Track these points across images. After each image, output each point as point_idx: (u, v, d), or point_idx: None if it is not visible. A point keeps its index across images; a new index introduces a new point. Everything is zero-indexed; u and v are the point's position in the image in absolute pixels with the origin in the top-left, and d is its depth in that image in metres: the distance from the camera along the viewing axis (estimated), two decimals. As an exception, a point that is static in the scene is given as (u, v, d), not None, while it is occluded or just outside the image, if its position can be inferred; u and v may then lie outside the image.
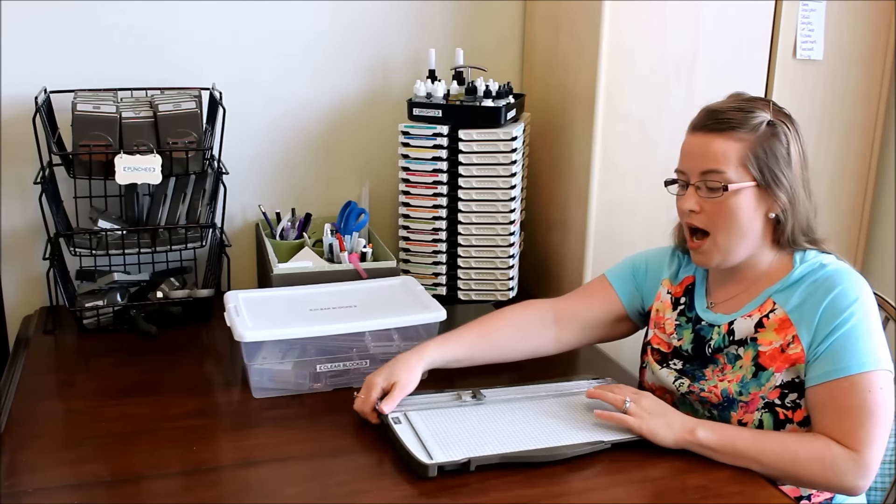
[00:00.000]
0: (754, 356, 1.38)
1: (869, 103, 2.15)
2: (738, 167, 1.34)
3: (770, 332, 1.37)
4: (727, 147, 1.34)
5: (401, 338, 1.61)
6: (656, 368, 1.51)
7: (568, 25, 1.99)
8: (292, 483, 1.28)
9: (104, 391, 1.56)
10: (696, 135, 1.39)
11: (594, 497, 1.25)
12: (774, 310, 1.38)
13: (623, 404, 1.36)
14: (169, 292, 1.85)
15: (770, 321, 1.37)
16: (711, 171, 1.35)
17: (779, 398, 1.36)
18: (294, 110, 2.08)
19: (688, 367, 1.47)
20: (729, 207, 1.35)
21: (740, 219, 1.36)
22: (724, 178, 1.34)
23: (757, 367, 1.37)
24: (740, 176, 1.34)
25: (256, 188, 2.09)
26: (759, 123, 1.34)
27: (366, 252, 1.89)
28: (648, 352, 1.55)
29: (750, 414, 1.38)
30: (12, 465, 1.31)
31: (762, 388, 1.36)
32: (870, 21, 2.09)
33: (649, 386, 1.54)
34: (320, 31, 2.06)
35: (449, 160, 1.88)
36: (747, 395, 1.38)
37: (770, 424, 1.37)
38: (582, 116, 1.94)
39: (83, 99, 1.78)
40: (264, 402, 1.53)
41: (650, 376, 1.54)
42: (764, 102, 1.39)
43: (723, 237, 1.38)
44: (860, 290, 1.34)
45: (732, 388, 1.39)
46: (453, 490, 1.26)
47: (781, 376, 1.35)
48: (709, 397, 1.42)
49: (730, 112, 1.36)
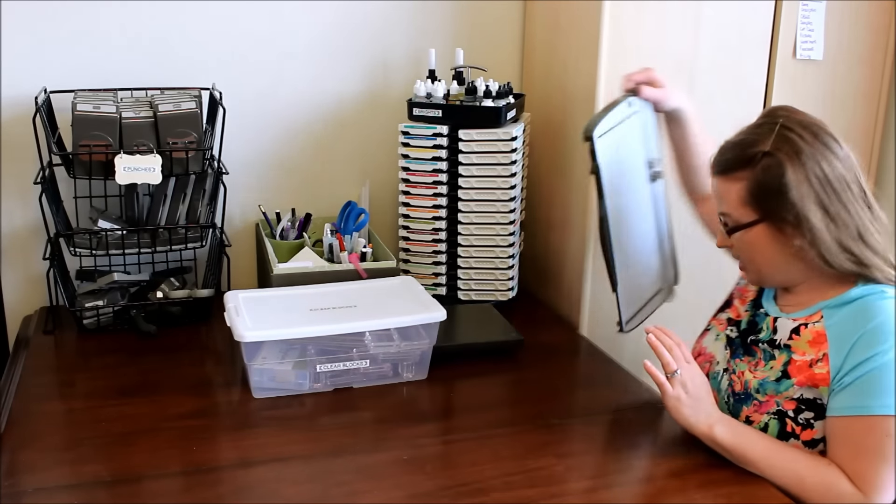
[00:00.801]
0: (785, 362, 1.36)
1: (869, 103, 2.15)
2: (741, 207, 1.34)
3: (804, 343, 1.35)
4: (729, 189, 1.35)
5: (401, 338, 1.61)
6: (719, 334, 1.52)
7: (568, 25, 1.99)
8: (292, 483, 1.28)
9: (104, 391, 1.56)
10: (712, 177, 1.41)
11: (594, 497, 1.25)
12: (818, 321, 1.35)
13: (672, 372, 1.34)
14: (169, 292, 1.85)
15: (807, 331, 1.35)
16: (723, 213, 1.39)
17: (793, 411, 1.34)
18: (294, 110, 2.08)
19: (737, 342, 1.48)
20: (747, 244, 1.37)
21: (762, 253, 1.36)
22: (731, 219, 1.37)
23: (784, 373, 1.36)
24: (745, 215, 1.34)
25: (256, 188, 2.09)
26: (752, 158, 1.31)
27: (366, 252, 1.89)
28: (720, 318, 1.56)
29: (760, 414, 1.38)
30: (12, 465, 1.31)
31: (779, 394, 1.36)
32: (870, 21, 2.09)
33: (699, 349, 1.55)
34: (320, 31, 2.06)
35: (449, 160, 1.88)
36: (764, 395, 1.37)
37: (774, 432, 1.36)
38: (582, 116, 1.94)
39: (83, 99, 1.78)
40: (264, 402, 1.53)
41: (707, 340, 1.55)
42: (771, 126, 1.32)
43: (752, 266, 1.40)
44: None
45: (753, 383, 1.39)
46: (453, 490, 1.26)
47: (801, 391, 1.33)
48: (735, 382, 1.43)
49: (729, 150, 1.36)
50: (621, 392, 1.62)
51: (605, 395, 1.63)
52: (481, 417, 1.49)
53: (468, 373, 1.66)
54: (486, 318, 1.86)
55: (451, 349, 1.69)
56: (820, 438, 1.33)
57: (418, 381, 1.62)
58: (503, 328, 1.79)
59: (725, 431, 1.33)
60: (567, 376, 1.71)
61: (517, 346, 1.75)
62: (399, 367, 1.61)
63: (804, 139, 1.30)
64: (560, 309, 2.05)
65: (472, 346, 1.73)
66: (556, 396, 1.60)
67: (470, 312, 1.89)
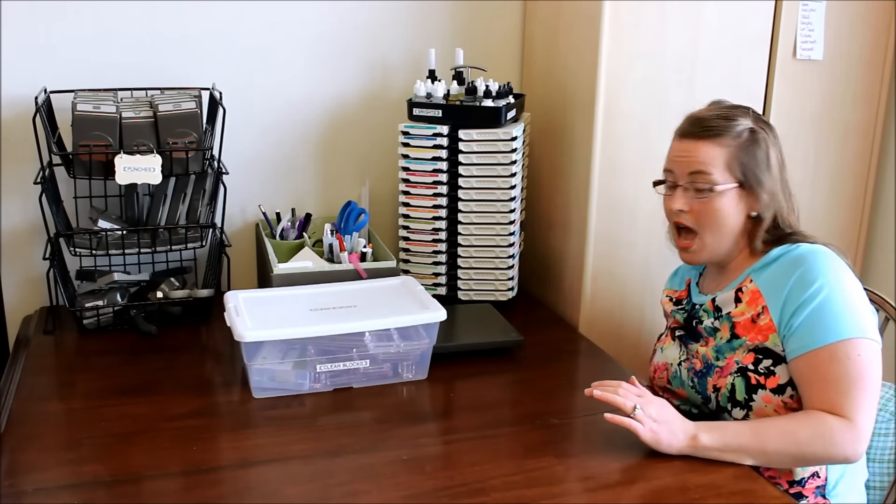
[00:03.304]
0: (731, 327, 1.46)
1: (869, 103, 2.15)
2: (724, 170, 1.45)
3: (742, 305, 1.46)
4: (713, 152, 1.46)
5: (401, 338, 1.61)
6: (667, 346, 1.59)
7: (568, 25, 1.99)
8: (292, 483, 1.28)
9: (104, 391, 1.56)
10: (683, 141, 1.50)
11: (594, 497, 1.25)
12: (750, 284, 1.46)
13: (633, 410, 1.36)
14: (169, 292, 1.85)
15: (744, 294, 1.46)
16: (699, 172, 1.46)
17: (752, 363, 1.41)
18: (294, 110, 2.08)
19: (686, 335, 1.55)
20: (714, 207, 1.46)
21: (725, 217, 1.47)
22: (711, 179, 1.45)
23: (732, 336, 1.46)
24: (725, 178, 1.45)
25: (256, 188, 2.09)
26: (741, 131, 1.46)
27: (366, 252, 1.89)
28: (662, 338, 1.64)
29: (723, 378, 1.44)
30: (12, 465, 1.31)
31: (735, 353, 1.44)
32: (870, 21, 2.09)
33: (654, 367, 1.61)
34: (320, 32, 2.06)
35: (449, 160, 1.88)
36: (723, 359, 1.46)
37: (742, 389, 1.41)
38: (582, 116, 1.94)
39: (83, 99, 1.78)
40: (264, 402, 1.53)
41: (658, 357, 1.62)
42: (744, 110, 1.50)
43: (709, 235, 1.49)
44: (829, 265, 1.40)
45: (710, 353, 1.48)
46: (453, 490, 1.26)
47: (756, 342, 1.42)
48: (694, 364, 1.50)
49: (714, 120, 1.48)
50: (621, 392, 1.62)
51: (605, 395, 1.64)
52: (481, 417, 1.49)
53: (468, 373, 1.66)
54: (486, 318, 1.86)
55: (451, 349, 1.69)
56: (786, 383, 1.39)
57: (418, 381, 1.62)
58: (503, 328, 1.79)
59: (709, 435, 1.35)
60: (567, 376, 1.71)
61: (517, 346, 1.75)
62: (399, 367, 1.61)
63: (771, 127, 1.51)
64: (560, 309, 2.05)
65: (472, 346, 1.73)
66: (556, 396, 1.60)
67: (470, 312, 1.89)
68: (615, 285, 1.98)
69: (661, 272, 1.74)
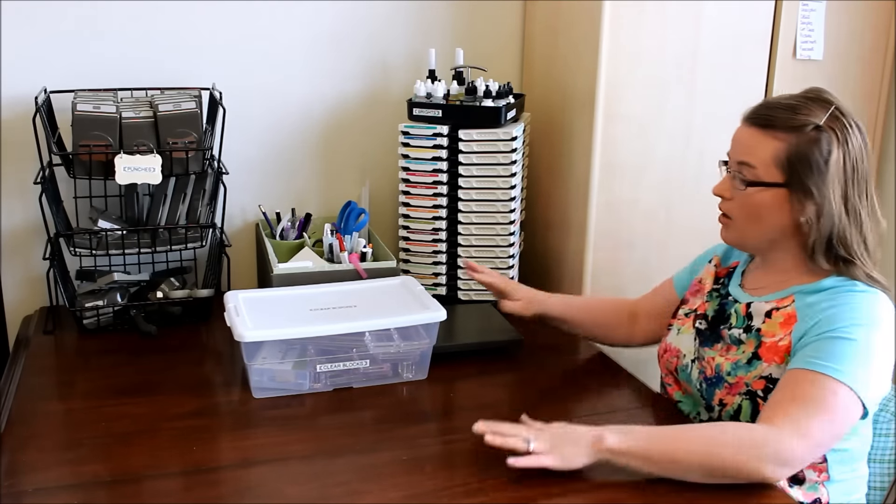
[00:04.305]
0: (756, 345, 1.37)
1: (869, 103, 2.15)
2: (770, 165, 1.33)
3: (775, 325, 1.36)
4: (764, 143, 1.34)
5: (401, 338, 1.61)
6: (684, 329, 1.52)
7: (568, 25, 1.99)
8: (292, 483, 1.28)
9: (104, 391, 1.56)
10: (743, 125, 1.39)
11: (594, 497, 1.25)
12: (790, 305, 1.36)
13: (527, 445, 1.26)
14: (169, 292, 1.85)
15: (779, 313, 1.36)
16: (744, 163, 1.36)
17: (762, 390, 1.35)
18: (294, 110, 2.08)
19: (706, 332, 1.48)
20: (752, 202, 1.36)
21: (761, 216, 1.36)
22: (754, 173, 1.35)
23: (755, 355, 1.37)
24: (770, 174, 1.33)
25: (256, 188, 2.09)
26: (802, 126, 1.31)
27: (366, 252, 1.89)
28: (679, 315, 1.57)
29: (731, 396, 1.38)
30: (12, 465, 1.31)
31: (748, 375, 1.36)
32: (870, 21, 2.09)
33: (665, 346, 1.56)
34: (320, 31, 2.06)
35: (449, 160, 1.88)
36: (734, 377, 1.38)
37: (748, 411, 1.36)
38: (582, 116, 1.94)
39: (83, 99, 1.78)
40: (264, 402, 1.53)
41: (671, 337, 1.55)
42: (825, 105, 1.33)
43: (743, 224, 1.39)
44: (873, 316, 1.29)
45: (726, 366, 1.40)
46: (453, 490, 1.26)
47: (770, 369, 1.34)
48: (706, 368, 1.43)
49: (778, 109, 1.34)
50: (621, 392, 1.62)
51: (605, 395, 1.63)
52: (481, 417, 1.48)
53: (468, 373, 1.66)
54: (486, 318, 1.86)
55: (451, 349, 1.69)
56: None
57: (418, 381, 1.62)
58: (503, 328, 1.79)
59: (616, 437, 1.26)
60: (567, 376, 1.71)
61: (517, 346, 1.75)
62: (399, 367, 1.61)
63: (853, 128, 1.32)
64: (560, 309, 2.05)
65: (472, 346, 1.73)
66: (556, 396, 1.60)
67: (470, 312, 1.89)
68: (615, 285, 1.98)
69: (661, 272, 1.74)
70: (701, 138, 1.98)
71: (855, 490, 1.43)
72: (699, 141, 1.99)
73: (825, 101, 1.34)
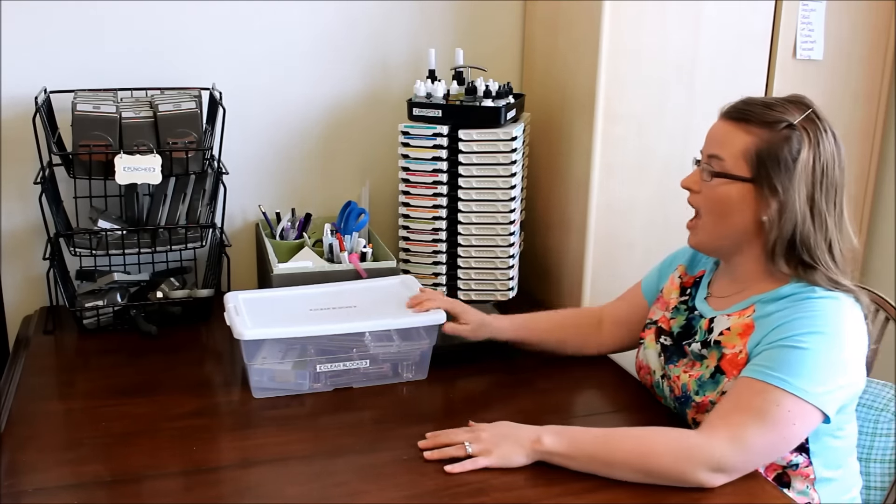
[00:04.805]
0: (718, 358, 1.37)
1: (869, 103, 2.15)
2: (739, 158, 1.33)
3: (734, 336, 1.35)
4: (737, 137, 1.33)
5: (401, 338, 1.61)
6: (649, 344, 1.53)
7: (568, 25, 1.99)
8: (292, 483, 1.28)
9: (104, 391, 1.56)
10: (719, 120, 1.39)
11: (594, 497, 1.25)
12: (749, 315, 1.36)
13: (465, 449, 1.31)
14: (169, 292, 1.85)
15: (738, 324, 1.36)
16: (714, 156, 1.36)
17: None
18: (294, 110, 2.08)
19: (672, 348, 1.48)
20: (718, 194, 1.35)
21: (726, 209, 1.35)
22: (722, 165, 1.34)
23: (717, 370, 1.36)
24: (738, 168, 1.33)
25: (256, 188, 2.09)
26: (776, 122, 1.31)
27: (366, 252, 1.89)
28: (647, 330, 1.57)
29: (702, 415, 1.37)
30: (12, 465, 1.31)
31: (713, 393, 1.36)
32: (870, 21, 2.09)
33: (638, 363, 1.58)
34: (320, 31, 2.06)
35: (449, 160, 1.88)
36: (700, 396, 1.37)
37: None
38: (582, 116, 1.94)
39: (83, 99, 1.78)
40: (264, 402, 1.53)
41: (641, 353, 1.56)
42: (803, 107, 1.33)
43: (709, 221, 1.38)
44: (831, 323, 1.27)
45: (692, 384, 1.39)
46: (453, 490, 1.26)
47: (731, 383, 1.33)
48: (673, 387, 1.44)
49: (755, 105, 1.34)
50: (621, 392, 1.62)
51: (605, 395, 1.63)
52: (481, 417, 1.48)
53: (468, 373, 1.66)
54: (486, 318, 1.85)
55: (451, 349, 1.69)
56: None
57: (418, 381, 1.62)
58: (503, 328, 1.79)
59: (554, 438, 1.29)
60: (567, 376, 1.71)
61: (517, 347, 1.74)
62: (399, 368, 1.61)
63: (827, 133, 1.32)
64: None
65: (472, 346, 1.73)
66: (556, 396, 1.60)
67: (470, 312, 1.89)
68: (615, 285, 1.98)
69: (661, 272, 1.74)
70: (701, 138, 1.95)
71: (847, 489, 1.42)
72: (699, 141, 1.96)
73: (804, 104, 1.34)
